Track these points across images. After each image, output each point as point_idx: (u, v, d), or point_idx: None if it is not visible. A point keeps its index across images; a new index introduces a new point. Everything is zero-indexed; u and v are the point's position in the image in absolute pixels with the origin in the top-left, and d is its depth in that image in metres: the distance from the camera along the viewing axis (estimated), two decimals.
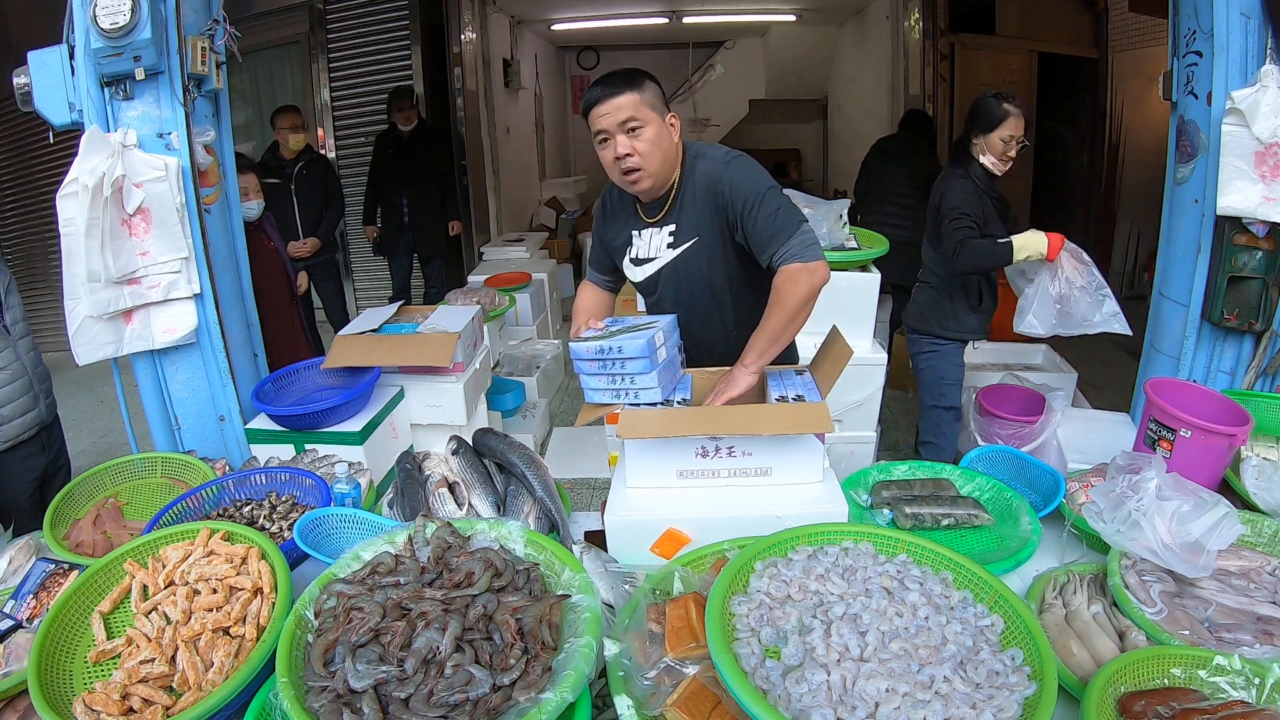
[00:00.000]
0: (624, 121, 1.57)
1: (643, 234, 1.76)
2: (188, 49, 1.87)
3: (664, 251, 1.72)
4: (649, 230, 1.74)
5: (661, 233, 1.72)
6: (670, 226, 1.71)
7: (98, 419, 4.49)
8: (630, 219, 1.79)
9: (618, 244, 1.82)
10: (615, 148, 1.59)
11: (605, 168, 1.66)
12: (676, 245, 1.70)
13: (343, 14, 5.62)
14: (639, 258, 1.78)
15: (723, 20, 7.74)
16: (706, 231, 1.67)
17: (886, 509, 1.60)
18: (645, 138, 1.59)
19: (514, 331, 4.62)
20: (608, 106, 1.58)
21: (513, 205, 7.09)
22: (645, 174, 1.62)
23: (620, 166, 1.61)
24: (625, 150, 1.58)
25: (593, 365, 1.51)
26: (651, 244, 1.74)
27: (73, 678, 1.19)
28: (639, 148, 1.58)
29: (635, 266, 1.79)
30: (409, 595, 1.13)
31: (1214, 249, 2.10)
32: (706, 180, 1.64)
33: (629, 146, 1.58)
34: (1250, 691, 1.04)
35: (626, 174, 1.62)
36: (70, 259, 1.80)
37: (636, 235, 1.77)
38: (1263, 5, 1.93)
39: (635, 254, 1.78)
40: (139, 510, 1.79)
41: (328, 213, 4.29)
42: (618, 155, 1.59)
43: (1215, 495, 1.36)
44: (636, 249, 1.78)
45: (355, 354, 2.11)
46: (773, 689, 1.00)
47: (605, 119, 1.58)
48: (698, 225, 1.67)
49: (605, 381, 1.51)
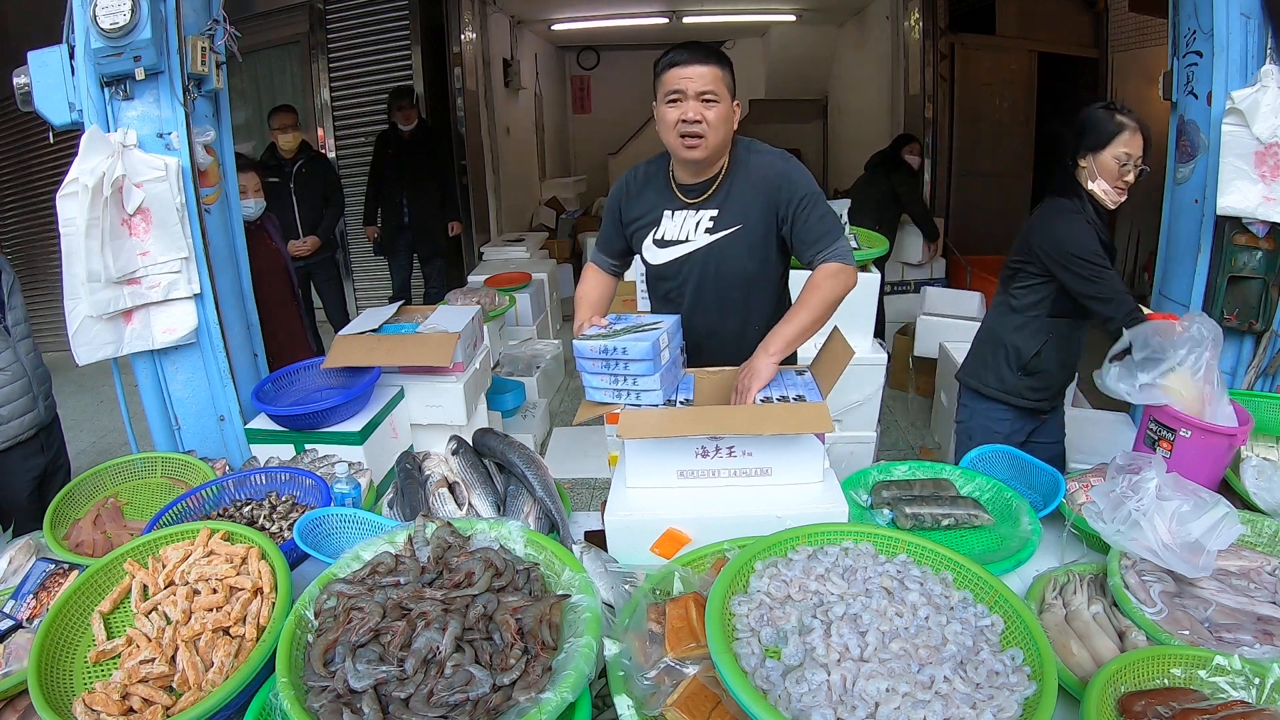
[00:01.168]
0: (703, 91, 1.59)
1: (675, 215, 1.74)
2: (188, 49, 1.87)
3: (699, 235, 1.72)
4: (684, 212, 1.73)
5: (699, 215, 1.72)
6: (712, 211, 1.71)
7: (98, 419, 4.49)
8: (663, 197, 1.75)
9: (642, 222, 1.77)
10: (685, 110, 1.59)
11: (661, 126, 1.65)
12: (716, 230, 1.71)
13: (343, 14, 5.62)
14: (665, 239, 1.75)
15: (723, 20, 7.75)
16: (753, 221, 1.69)
17: (886, 509, 1.60)
18: (716, 112, 1.61)
19: (514, 331, 4.62)
20: (692, 71, 1.59)
21: (513, 205, 7.09)
22: (704, 144, 1.62)
23: (682, 129, 1.61)
24: (695, 115, 1.59)
25: (595, 364, 1.51)
26: (684, 226, 1.73)
27: (73, 678, 1.19)
28: (708, 117, 1.60)
29: (658, 248, 1.76)
30: (409, 595, 1.13)
31: (1214, 249, 2.10)
32: (764, 171, 1.68)
33: (699, 113, 1.59)
34: (1250, 691, 1.04)
35: (685, 137, 1.62)
36: (70, 259, 1.80)
37: (668, 215, 1.74)
38: (1263, 5, 1.93)
39: (661, 234, 1.75)
40: (139, 510, 1.79)
41: (327, 212, 4.29)
42: (686, 118, 1.59)
43: (1215, 495, 1.36)
44: (664, 230, 1.75)
45: (355, 354, 2.11)
46: (773, 689, 1.00)
47: (686, 82, 1.59)
48: (745, 213, 1.69)
49: (608, 381, 1.51)
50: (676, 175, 1.73)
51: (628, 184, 1.81)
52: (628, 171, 1.84)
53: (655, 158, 1.80)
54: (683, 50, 1.60)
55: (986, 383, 2.15)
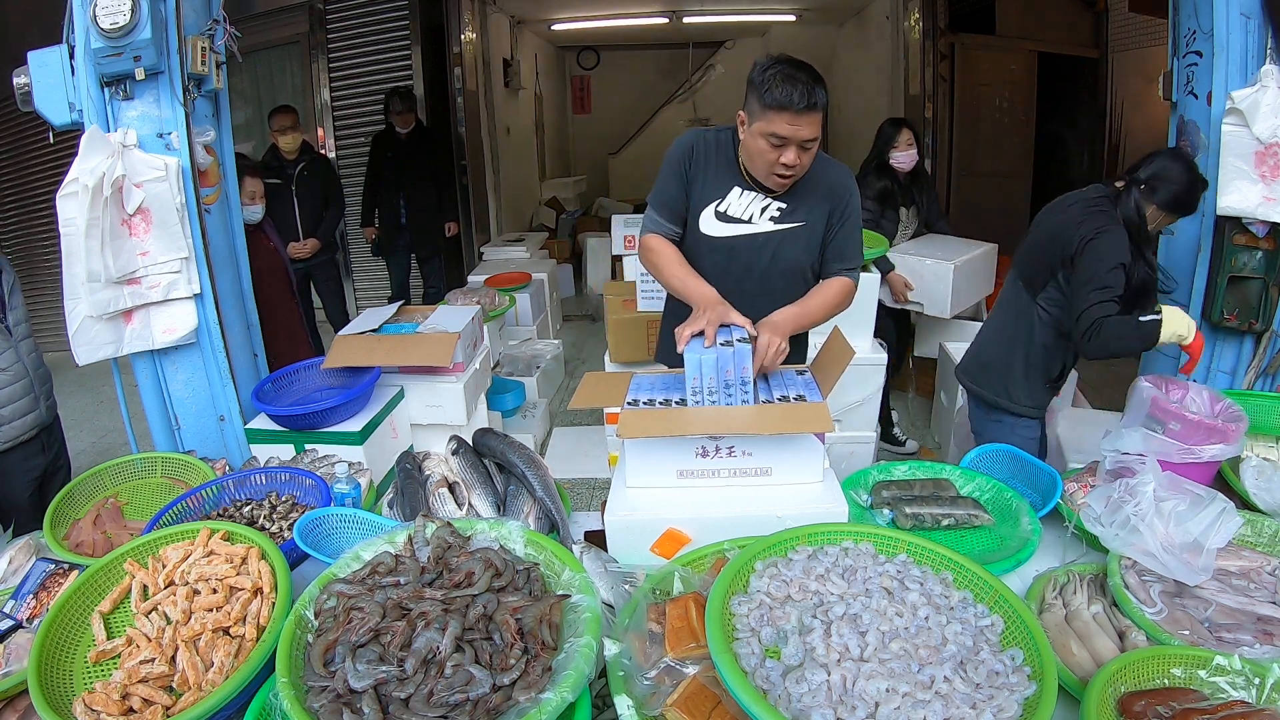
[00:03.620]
0: (807, 140, 1.59)
1: (744, 194, 1.74)
2: (188, 49, 1.87)
3: (764, 222, 1.74)
4: (753, 193, 1.74)
5: (766, 201, 1.74)
6: (781, 203, 1.74)
7: (98, 419, 4.49)
8: (732, 173, 1.74)
9: (706, 190, 1.75)
10: (787, 155, 1.60)
11: (754, 154, 1.64)
12: (783, 221, 1.74)
13: (343, 14, 5.62)
14: (729, 214, 1.74)
15: (723, 20, 7.75)
16: (815, 220, 1.75)
17: (886, 509, 1.60)
18: (812, 152, 1.64)
19: (514, 331, 4.62)
20: (803, 121, 1.56)
21: (513, 205, 7.09)
22: (793, 180, 1.68)
23: (780, 170, 1.63)
24: (795, 161, 1.61)
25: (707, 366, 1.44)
26: (750, 208, 1.74)
27: (73, 678, 1.19)
28: (804, 161, 1.63)
29: (719, 221, 1.75)
30: (409, 595, 1.13)
31: (1214, 249, 2.10)
32: (831, 178, 1.76)
33: (797, 159, 1.61)
34: (1250, 691, 1.04)
35: (780, 177, 1.65)
36: (70, 259, 1.80)
37: (736, 191, 1.74)
38: (1263, 5, 1.93)
39: (725, 208, 1.74)
40: (139, 510, 1.79)
41: (328, 213, 4.29)
42: (786, 162, 1.61)
43: (1211, 491, 1.36)
44: (729, 204, 1.74)
45: (355, 354, 2.11)
46: (773, 689, 1.00)
47: (792, 130, 1.57)
48: (810, 212, 1.75)
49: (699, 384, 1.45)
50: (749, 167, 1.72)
51: (694, 147, 1.75)
52: (691, 133, 1.79)
53: (723, 129, 1.78)
54: (792, 89, 1.52)
55: (1017, 399, 2.08)
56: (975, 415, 2.22)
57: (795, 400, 1.47)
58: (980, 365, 2.16)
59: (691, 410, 1.46)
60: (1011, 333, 2.07)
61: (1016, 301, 2.07)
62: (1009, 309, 2.11)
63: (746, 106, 1.63)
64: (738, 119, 1.68)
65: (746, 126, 1.64)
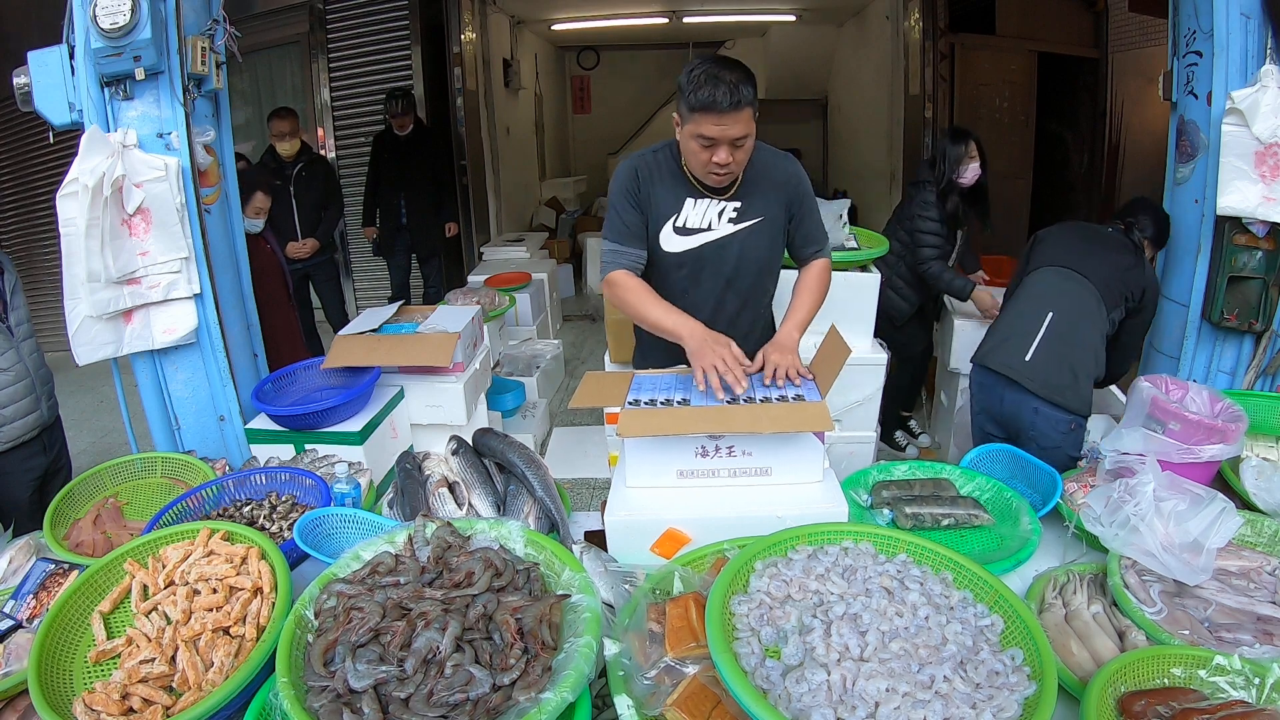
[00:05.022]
0: (737, 138, 1.59)
1: (698, 203, 1.75)
2: (188, 49, 1.87)
3: (724, 225, 1.76)
4: (706, 200, 1.75)
5: (721, 205, 1.75)
6: (735, 203, 1.75)
7: (98, 419, 4.49)
8: (681, 185, 1.75)
9: (661, 209, 1.76)
10: (718, 154, 1.60)
11: (688, 155, 1.66)
12: (741, 220, 1.76)
13: (343, 14, 5.62)
14: (687, 226, 1.75)
15: (723, 20, 7.75)
16: (773, 214, 1.78)
17: (886, 509, 1.60)
18: (745, 148, 1.63)
19: (514, 331, 4.62)
20: (729, 120, 1.55)
21: (513, 205, 7.09)
22: (730, 176, 1.69)
23: (714, 169, 1.64)
24: (726, 159, 1.61)
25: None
26: (707, 215, 1.75)
27: (73, 678, 1.19)
28: (738, 158, 1.63)
29: (680, 235, 1.76)
30: (409, 595, 1.13)
31: (1214, 249, 2.10)
32: (778, 170, 1.78)
33: (730, 156, 1.61)
34: (1250, 691, 1.04)
35: (716, 175, 1.66)
36: (70, 259, 1.80)
37: (690, 203, 1.75)
38: (1263, 5, 1.93)
39: (683, 221, 1.75)
40: (139, 510, 1.79)
41: (326, 213, 4.29)
42: (719, 160, 1.61)
43: (1211, 491, 1.36)
44: (685, 217, 1.75)
45: (355, 354, 2.11)
46: (773, 689, 1.00)
47: (719, 130, 1.56)
48: (767, 207, 1.77)
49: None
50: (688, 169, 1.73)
51: (637, 171, 1.76)
52: (633, 158, 1.80)
53: (660, 146, 1.79)
54: (715, 89, 1.52)
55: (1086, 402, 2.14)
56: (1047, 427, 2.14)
57: (794, 400, 1.47)
58: (1068, 377, 2.13)
59: (691, 410, 1.46)
60: (1092, 341, 2.16)
61: (1092, 312, 2.17)
62: (1083, 317, 2.17)
63: (677, 109, 1.64)
64: (673, 123, 1.68)
65: (680, 130, 1.66)
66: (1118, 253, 2.20)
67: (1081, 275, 2.18)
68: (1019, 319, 2.26)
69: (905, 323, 3.30)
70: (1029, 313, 2.23)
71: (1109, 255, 2.20)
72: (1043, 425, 2.14)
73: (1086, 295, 2.17)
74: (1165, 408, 1.62)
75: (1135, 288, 2.16)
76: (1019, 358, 2.19)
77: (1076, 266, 2.20)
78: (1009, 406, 2.23)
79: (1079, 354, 2.14)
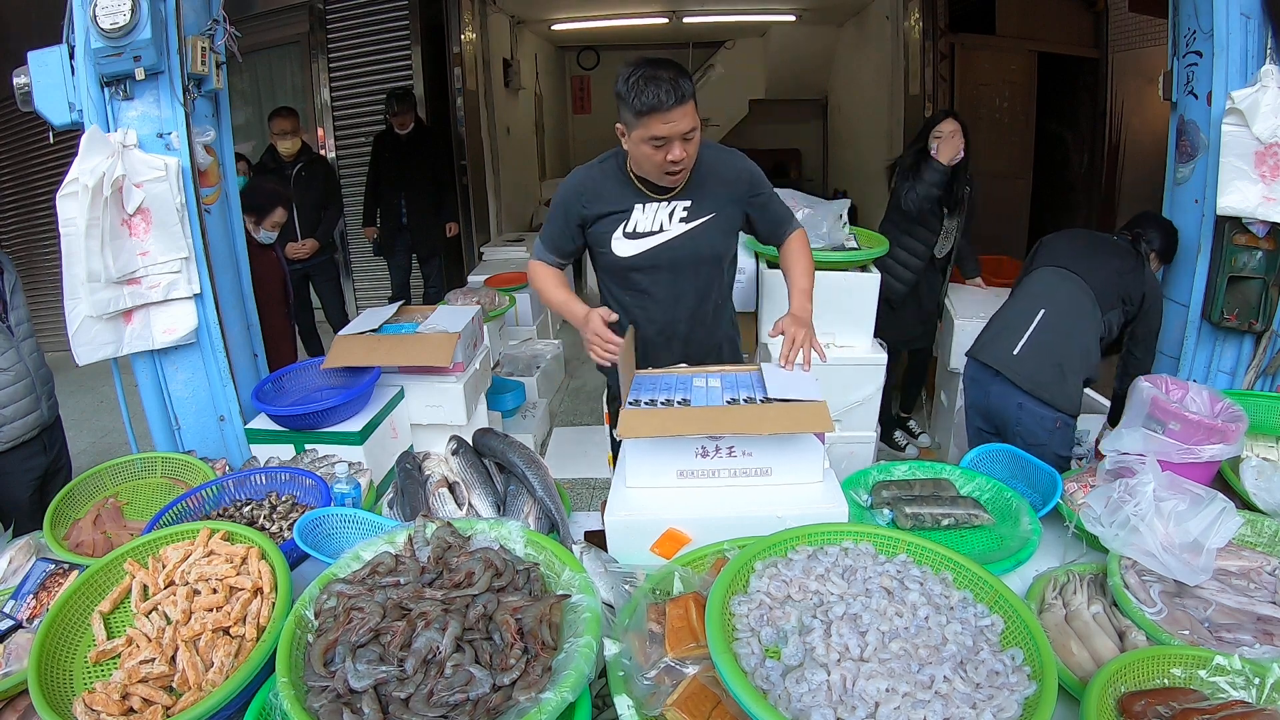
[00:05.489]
0: (687, 131, 1.63)
1: (646, 207, 1.80)
2: (188, 49, 1.87)
3: (674, 225, 1.80)
4: (655, 204, 1.80)
5: (671, 206, 1.80)
6: (685, 202, 1.80)
7: (98, 419, 4.49)
8: (627, 194, 1.80)
9: (610, 218, 1.81)
10: (672, 151, 1.65)
11: (641, 160, 1.70)
12: (691, 219, 1.80)
13: (343, 14, 5.62)
14: (637, 231, 1.81)
15: (723, 20, 7.74)
16: (725, 209, 1.82)
17: (886, 509, 1.60)
18: (695, 142, 1.68)
19: (514, 331, 4.62)
20: (675, 115, 1.60)
21: (513, 205, 7.08)
22: (686, 171, 1.74)
23: (669, 168, 1.68)
24: (680, 155, 1.65)
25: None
26: (657, 217, 1.80)
27: (73, 678, 1.19)
28: (690, 151, 1.67)
29: (630, 240, 1.81)
30: (409, 595, 1.13)
31: (1214, 249, 2.10)
32: (725, 166, 1.82)
33: (683, 151, 1.65)
34: (1250, 691, 1.04)
35: (672, 174, 1.71)
36: (70, 259, 1.80)
37: (639, 208, 1.80)
38: (1263, 5, 1.93)
39: (633, 227, 1.81)
40: (139, 510, 1.79)
41: (326, 213, 4.29)
42: (673, 158, 1.65)
43: (1211, 491, 1.36)
44: (635, 222, 1.80)
45: (355, 354, 2.11)
46: (773, 689, 1.00)
47: (670, 128, 1.61)
48: (717, 203, 1.81)
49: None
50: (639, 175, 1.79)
51: (582, 185, 1.84)
52: (577, 172, 1.87)
53: (606, 156, 1.85)
54: (656, 89, 1.58)
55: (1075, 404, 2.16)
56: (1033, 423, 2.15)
57: (795, 400, 1.47)
58: (1055, 374, 2.14)
59: (692, 410, 1.46)
60: (1084, 341, 2.16)
61: (1087, 312, 2.17)
62: (1077, 316, 2.17)
63: (621, 119, 1.68)
64: (617, 132, 1.72)
65: (627, 137, 1.69)
66: (1118, 257, 2.21)
67: (1077, 275, 2.20)
68: (1013, 315, 2.28)
69: (902, 305, 3.29)
70: (1023, 309, 2.26)
71: (1107, 259, 2.22)
72: (1027, 421, 2.17)
73: (1081, 295, 2.18)
74: (1165, 408, 1.62)
75: (1134, 291, 2.16)
76: (1008, 352, 2.22)
77: (1073, 267, 2.22)
78: (995, 400, 2.25)
79: (1068, 351, 2.15)
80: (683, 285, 1.86)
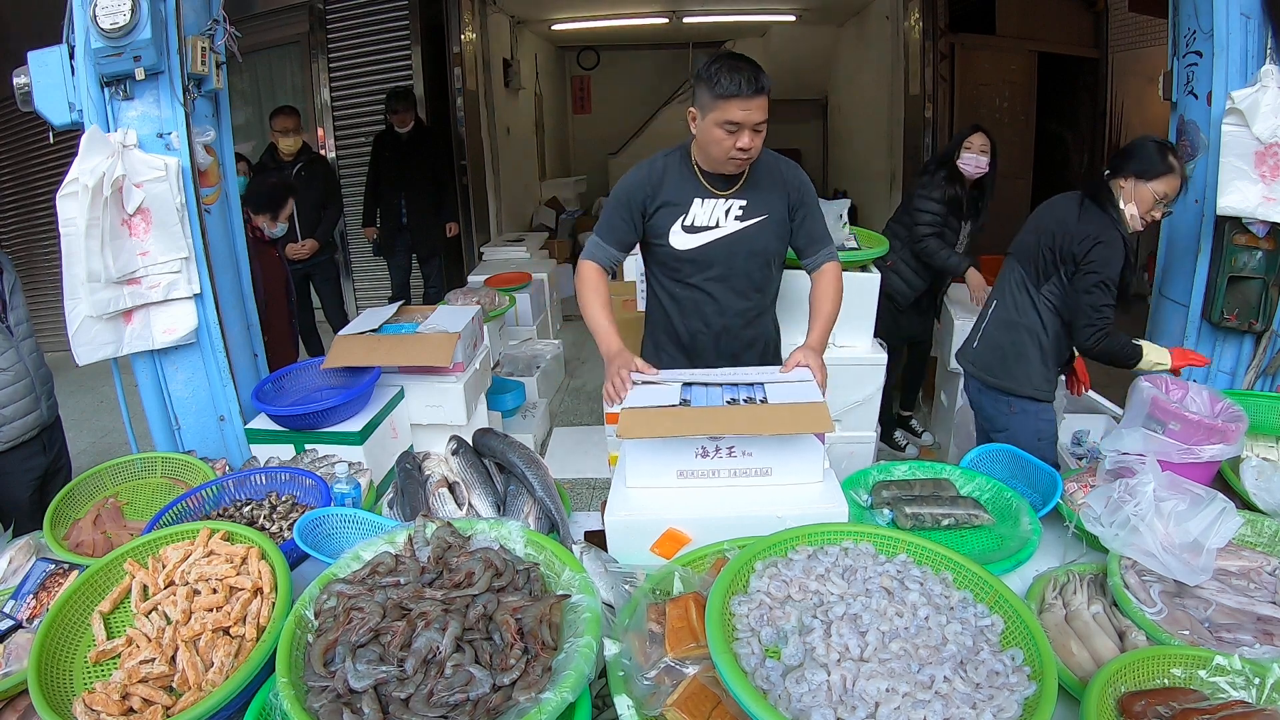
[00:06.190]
0: (759, 122, 1.70)
1: (705, 203, 1.85)
2: (188, 49, 1.87)
3: (729, 223, 1.86)
4: (713, 200, 1.85)
5: (728, 205, 1.85)
6: (741, 201, 1.85)
7: (98, 419, 4.49)
8: (690, 186, 1.85)
9: (670, 211, 1.86)
10: (742, 139, 1.70)
11: (706, 140, 1.74)
12: (745, 219, 1.86)
13: (343, 14, 5.62)
14: (695, 225, 1.86)
15: (723, 20, 7.75)
16: (776, 211, 1.88)
17: (886, 509, 1.60)
18: (762, 135, 1.74)
19: (514, 331, 4.62)
20: (752, 105, 1.67)
21: (513, 205, 7.08)
22: (749, 162, 1.80)
23: (736, 155, 1.73)
24: (749, 144, 1.71)
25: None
26: (714, 214, 1.86)
27: (73, 678, 1.19)
28: (756, 143, 1.73)
29: (688, 233, 1.86)
30: (409, 595, 1.13)
31: (1214, 249, 2.10)
32: (778, 171, 1.89)
33: (752, 141, 1.71)
34: (1250, 691, 1.04)
35: (736, 160, 1.75)
36: (70, 259, 1.80)
37: (698, 203, 1.85)
38: (1263, 5, 1.93)
39: (691, 221, 1.85)
40: (139, 510, 1.79)
41: (326, 213, 4.29)
42: (742, 146, 1.71)
43: (1211, 491, 1.36)
44: (694, 216, 1.85)
45: (355, 354, 2.11)
46: (773, 689, 1.00)
47: (746, 115, 1.68)
48: (769, 205, 1.87)
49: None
50: (703, 167, 1.84)
51: (648, 176, 1.88)
52: (643, 165, 1.91)
53: (670, 151, 1.90)
54: (739, 77, 1.65)
55: (1038, 386, 2.13)
56: (991, 409, 2.23)
57: (795, 401, 1.47)
58: (999, 357, 2.19)
59: (692, 411, 1.46)
60: (1022, 323, 2.15)
61: (1020, 293, 2.15)
62: (1012, 300, 2.18)
63: (697, 103, 1.75)
64: (689, 118, 1.79)
65: (699, 121, 1.75)
66: (1050, 218, 2.09)
67: (1012, 255, 2.23)
68: (982, 311, 2.35)
69: (907, 307, 3.33)
70: (987, 304, 2.32)
71: (1038, 223, 2.13)
72: (987, 407, 2.25)
73: (1012, 274, 2.20)
74: (1165, 408, 1.62)
75: (1073, 244, 1.99)
76: (970, 345, 2.31)
77: (1014, 249, 2.24)
78: (971, 394, 2.34)
79: (1013, 335, 2.17)
80: (733, 281, 1.90)
